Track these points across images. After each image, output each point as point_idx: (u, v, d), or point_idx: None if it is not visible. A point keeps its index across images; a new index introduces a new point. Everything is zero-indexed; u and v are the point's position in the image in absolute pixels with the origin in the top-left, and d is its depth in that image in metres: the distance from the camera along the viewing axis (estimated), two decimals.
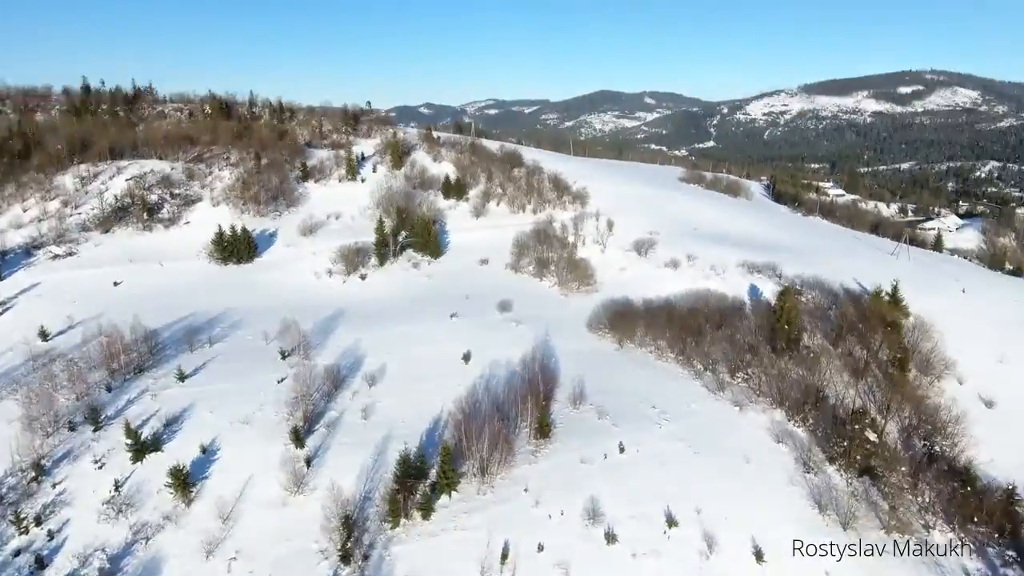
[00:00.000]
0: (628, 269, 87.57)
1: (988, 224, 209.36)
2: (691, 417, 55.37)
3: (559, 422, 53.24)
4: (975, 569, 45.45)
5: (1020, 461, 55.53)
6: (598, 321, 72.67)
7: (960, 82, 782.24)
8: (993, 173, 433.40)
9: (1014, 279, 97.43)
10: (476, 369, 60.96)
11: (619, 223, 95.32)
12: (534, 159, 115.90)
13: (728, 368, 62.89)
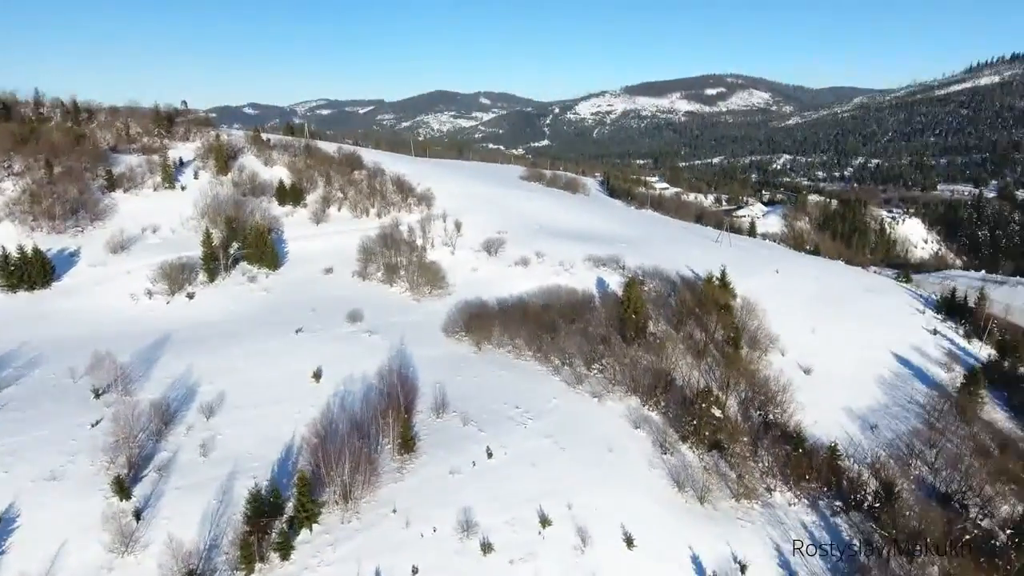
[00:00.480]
0: (480, 269, 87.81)
1: (787, 210, 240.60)
2: (554, 413, 56.56)
3: (423, 434, 51.70)
4: (811, 521, 51.20)
5: (836, 420, 63.80)
6: (454, 324, 71.93)
7: (754, 85, 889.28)
8: (786, 165, 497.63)
9: (814, 258, 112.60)
10: (329, 386, 57.41)
11: (467, 223, 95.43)
12: (375, 161, 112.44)
13: (584, 361, 65.20)
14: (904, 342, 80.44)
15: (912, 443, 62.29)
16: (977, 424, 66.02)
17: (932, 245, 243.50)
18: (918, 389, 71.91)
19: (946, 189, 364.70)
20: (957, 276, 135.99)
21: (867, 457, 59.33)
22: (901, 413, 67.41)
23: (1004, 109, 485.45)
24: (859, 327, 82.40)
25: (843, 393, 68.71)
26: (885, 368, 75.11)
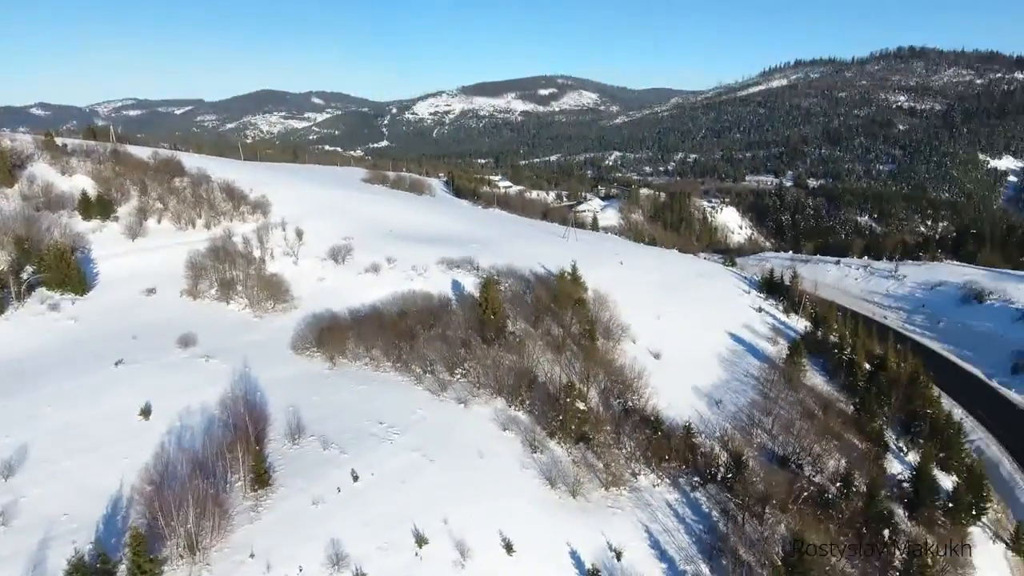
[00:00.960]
0: (327, 279, 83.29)
1: (622, 204, 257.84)
2: (420, 425, 54.71)
3: (279, 464, 47.47)
4: (674, 499, 54.19)
5: (687, 400, 68.37)
6: (304, 340, 67.35)
7: (583, 86, 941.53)
8: (617, 161, 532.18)
9: (652, 248, 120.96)
10: (161, 424, 50.83)
11: (309, 231, 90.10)
12: (199, 166, 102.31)
13: (446, 367, 63.95)
14: (736, 321, 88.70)
15: (752, 413, 68.62)
16: (802, 390, 74.40)
17: (746, 230, 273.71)
18: (752, 363, 79.56)
19: (753, 180, 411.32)
20: (771, 257, 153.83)
21: (716, 432, 64.31)
22: (740, 387, 74.08)
23: (793, 108, 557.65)
24: (697, 310, 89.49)
25: (690, 374, 74.02)
26: (723, 347, 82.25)
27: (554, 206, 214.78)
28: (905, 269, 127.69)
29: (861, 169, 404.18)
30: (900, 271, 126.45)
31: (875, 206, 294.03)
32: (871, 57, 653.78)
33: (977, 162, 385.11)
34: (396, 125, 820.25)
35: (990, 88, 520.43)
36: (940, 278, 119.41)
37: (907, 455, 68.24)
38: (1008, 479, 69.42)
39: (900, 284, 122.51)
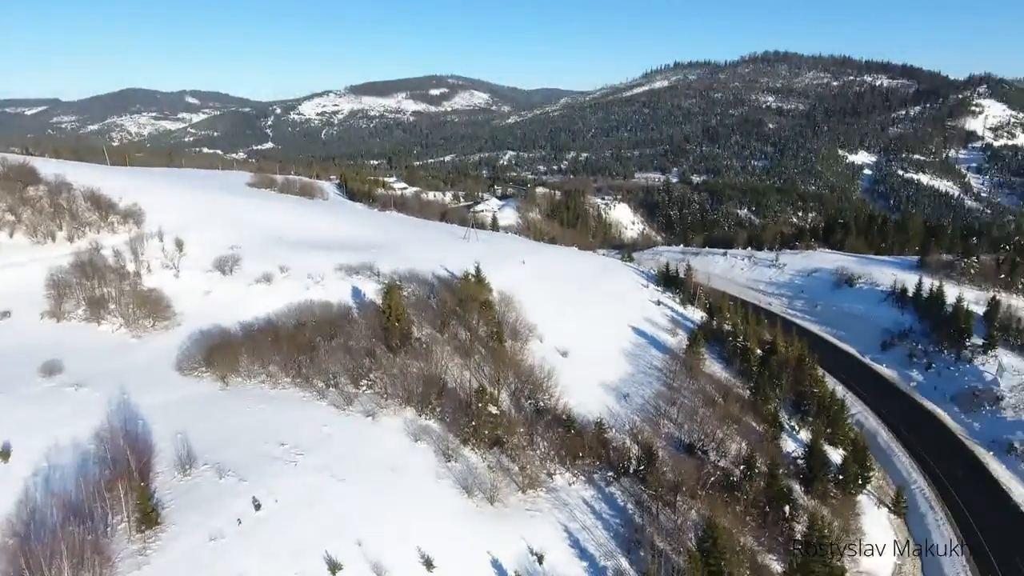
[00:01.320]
0: (214, 292, 77.59)
1: (519, 203, 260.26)
2: (326, 442, 51.89)
3: (168, 499, 43.30)
4: (590, 496, 54.65)
5: (596, 396, 69.40)
6: (191, 360, 62.26)
7: (474, 86, 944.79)
8: (512, 160, 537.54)
9: (553, 247, 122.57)
10: (24, 466, 45.00)
11: (191, 241, 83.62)
12: (57, 173, 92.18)
13: (351, 379, 61.25)
14: (637, 315, 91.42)
15: (658, 404, 70.77)
16: (702, 378, 77.68)
17: (639, 225, 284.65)
18: (655, 355, 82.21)
19: (641, 177, 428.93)
20: (664, 251, 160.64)
21: (626, 425, 65.75)
22: (645, 379, 76.27)
23: (675, 108, 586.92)
24: (600, 306, 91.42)
25: (597, 369, 75.33)
26: (627, 341, 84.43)
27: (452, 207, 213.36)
28: (785, 258, 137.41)
29: (738, 165, 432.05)
30: (780, 260, 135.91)
31: (752, 199, 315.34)
32: (742, 60, 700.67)
33: (837, 157, 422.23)
34: (281, 126, 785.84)
35: (845, 89, 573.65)
36: (815, 265, 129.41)
37: (799, 433, 72.94)
38: (885, 447, 75.93)
39: (781, 272, 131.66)
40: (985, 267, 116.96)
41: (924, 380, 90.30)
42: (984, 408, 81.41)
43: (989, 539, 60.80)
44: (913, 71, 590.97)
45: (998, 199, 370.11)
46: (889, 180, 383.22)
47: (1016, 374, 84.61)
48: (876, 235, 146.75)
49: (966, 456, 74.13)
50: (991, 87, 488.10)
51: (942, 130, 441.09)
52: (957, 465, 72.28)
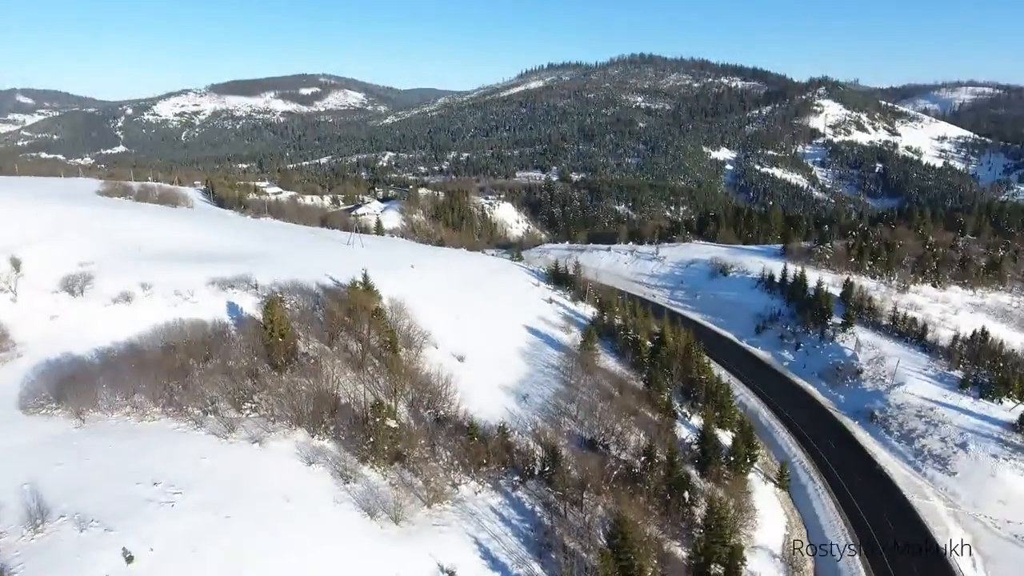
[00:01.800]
0: (62, 316, 68.60)
1: (403, 205, 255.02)
2: (208, 477, 47.08)
3: (16, 563, 37.21)
4: (498, 503, 53.68)
5: (496, 399, 68.55)
6: (37, 396, 54.44)
7: (348, 85, 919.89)
8: (391, 162, 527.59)
9: (441, 249, 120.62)
10: None
11: (30, 259, 73.52)
12: None
13: (233, 402, 56.20)
14: (531, 314, 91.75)
15: (558, 403, 71.13)
16: (598, 373, 79.15)
17: (523, 224, 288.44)
18: (551, 354, 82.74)
19: (523, 176, 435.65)
20: (551, 249, 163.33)
21: (528, 427, 65.43)
22: (543, 378, 76.49)
23: (551, 108, 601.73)
24: (494, 308, 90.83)
25: (496, 372, 74.60)
26: (522, 341, 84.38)
27: (333, 211, 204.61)
28: (664, 251, 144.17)
29: (614, 163, 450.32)
30: (661, 253, 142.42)
31: (629, 195, 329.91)
32: (611, 62, 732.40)
33: (702, 154, 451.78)
34: (134, 128, 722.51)
35: (705, 91, 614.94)
36: (692, 257, 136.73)
37: (691, 419, 76.13)
38: (767, 425, 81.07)
39: (662, 264, 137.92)
40: (838, 252, 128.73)
41: (795, 359, 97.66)
42: (847, 381, 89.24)
43: (860, 499, 66.64)
44: (763, 74, 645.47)
45: (840, 189, 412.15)
46: (748, 175, 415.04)
47: (871, 348, 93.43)
48: (743, 226, 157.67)
49: (836, 427, 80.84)
50: (828, 89, 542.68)
51: (790, 128, 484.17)
52: (829, 436, 78.60)
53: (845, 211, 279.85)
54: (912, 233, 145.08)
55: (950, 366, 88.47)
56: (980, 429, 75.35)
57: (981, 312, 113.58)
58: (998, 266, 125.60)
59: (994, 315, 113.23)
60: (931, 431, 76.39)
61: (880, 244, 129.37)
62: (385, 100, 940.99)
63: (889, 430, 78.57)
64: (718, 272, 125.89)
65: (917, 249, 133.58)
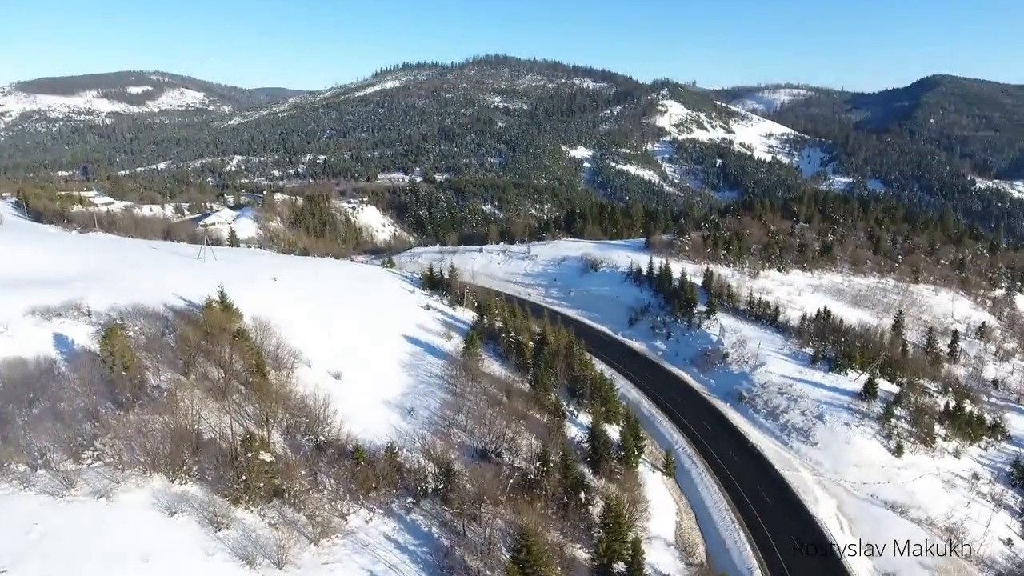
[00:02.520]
0: None
1: (258, 212, 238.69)
2: (41, 546, 39.68)
3: None
4: (391, 529, 50.42)
5: (380, 416, 64.81)
6: None
7: (185, 84, 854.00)
8: (241, 166, 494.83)
9: (305, 259, 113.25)
10: None
11: None
12: None
13: (69, 452, 48.02)
14: (409, 323, 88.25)
15: (445, 414, 68.61)
16: (483, 379, 77.48)
17: (390, 227, 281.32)
18: (433, 363, 79.89)
19: (385, 178, 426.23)
20: (422, 252, 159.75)
21: (417, 443, 62.38)
22: (428, 389, 73.55)
23: (409, 108, 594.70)
24: (369, 319, 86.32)
25: (377, 387, 70.62)
26: (402, 351, 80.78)
27: (177, 222, 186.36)
28: (536, 249, 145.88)
29: (477, 162, 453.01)
30: (532, 252, 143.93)
31: (494, 195, 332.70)
32: (467, 63, 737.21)
33: (561, 153, 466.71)
34: None
35: (559, 91, 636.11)
36: (563, 254, 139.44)
37: (579, 416, 76.71)
38: (649, 415, 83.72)
39: (534, 263, 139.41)
40: (695, 244, 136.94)
41: (667, 348, 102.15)
42: (716, 366, 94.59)
43: (738, 478, 70.53)
44: (611, 75, 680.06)
45: (687, 184, 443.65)
46: (605, 172, 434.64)
47: (734, 332, 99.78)
48: (608, 222, 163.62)
49: (710, 410, 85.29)
50: (671, 90, 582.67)
51: (640, 127, 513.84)
52: (705, 419, 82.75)
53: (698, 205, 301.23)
54: (756, 222, 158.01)
55: (801, 344, 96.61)
56: (832, 400, 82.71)
57: (820, 292, 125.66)
58: (830, 250, 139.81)
59: (831, 294, 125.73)
60: (792, 406, 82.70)
61: (731, 235, 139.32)
62: (229, 100, 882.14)
63: (756, 408, 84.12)
64: (589, 268, 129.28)
65: (762, 237, 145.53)
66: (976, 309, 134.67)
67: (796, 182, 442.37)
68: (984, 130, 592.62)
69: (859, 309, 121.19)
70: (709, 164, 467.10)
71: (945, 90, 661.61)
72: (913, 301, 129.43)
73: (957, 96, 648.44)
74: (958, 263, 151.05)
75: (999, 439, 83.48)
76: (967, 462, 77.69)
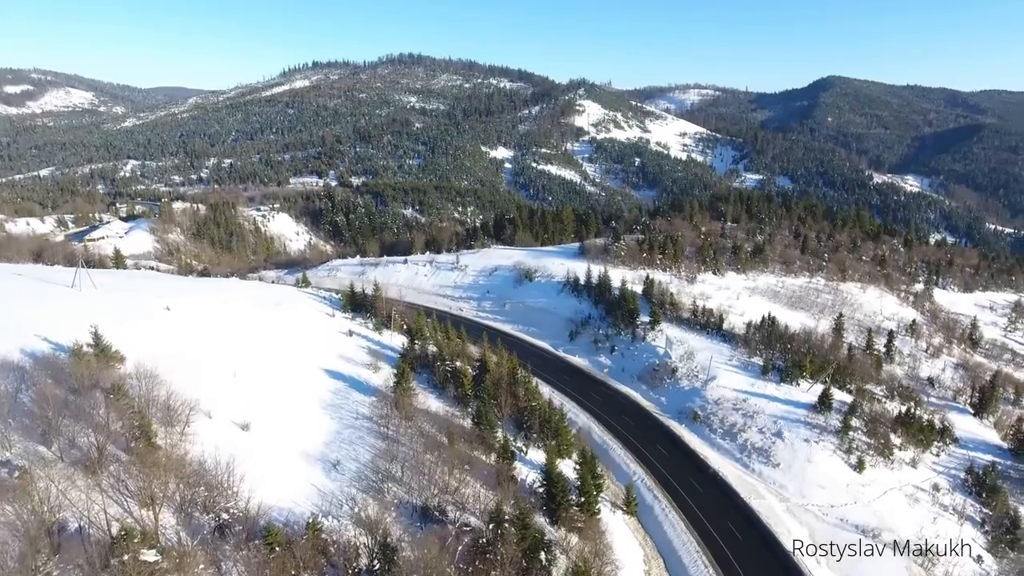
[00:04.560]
0: None
1: (155, 224, 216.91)
2: None
3: None
4: None
5: (298, 475, 54.49)
6: None
7: (71, 83, 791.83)
8: (136, 171, 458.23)
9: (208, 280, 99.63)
10: None
11: None
12: None
13: None
14: (330, 354, 77.58)
15: (377, 465, 58.82)
16: (419, 416, 68.09)
17: (304, 236, 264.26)
18: (360, 401, 69.77)
19: (298, 182, 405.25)
20: (341, 265, 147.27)
21: (344, 505, 52.54)
22: (355, 435, 63.44)
23: (321, 108, 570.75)
24: (283, 352, 75.12)
25: (294, 437, 60.00)
26: (323, 389, 70.19)
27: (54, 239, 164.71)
28: (465, 259, 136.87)
29: (395, 165, 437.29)
30: (461, 262, 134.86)
31: (415, 198, 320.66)
32: (380, 61, 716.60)
33: (481, 153, 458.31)
34: None
35: (476, 91, 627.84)
36: (495, 263, 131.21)
37: (528, 453, 68.66)
38: (601, 443, 76.72)
39: (464, 274, 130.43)
40: (630, 249, 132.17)
41: (612, 364, 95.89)
42: (665, 381, 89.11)
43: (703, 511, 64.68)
44: (528, 75, 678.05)
45: (608, 183, 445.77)
46: (527, 172, 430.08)
47: (680, 344, 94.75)
48: (539, 227, 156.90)
49: (664, 432, 79.40)
50: (587, 90, 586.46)
51: (559, 127, 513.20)
52: (660, 443, 76.72)
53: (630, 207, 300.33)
54: (687, 224, 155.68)
55: (750, 353, 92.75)
56: (789, 415, 78.63)
57: (757, 295, 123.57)
58: (762, 251, 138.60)
59: (767, 296, 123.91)
60: (749, 423, 77.99)
61: (666, 238, 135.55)
62: (122, 100, 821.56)
63: (712, 428, 78.91)
64: (523, 278, 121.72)
65: (695, 240, 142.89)
66: (902, 305, 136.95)
67: (712, 180, 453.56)
68: (876, 128, 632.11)
69: (796, 311, 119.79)
70: (628, 163, 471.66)
71: (839, 90, 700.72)
72: (844, 300, 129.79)
73: (850, 96, 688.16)
74: (879, 259, 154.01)
75: (948, 443, 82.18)
76: (924, 471, 75.39)
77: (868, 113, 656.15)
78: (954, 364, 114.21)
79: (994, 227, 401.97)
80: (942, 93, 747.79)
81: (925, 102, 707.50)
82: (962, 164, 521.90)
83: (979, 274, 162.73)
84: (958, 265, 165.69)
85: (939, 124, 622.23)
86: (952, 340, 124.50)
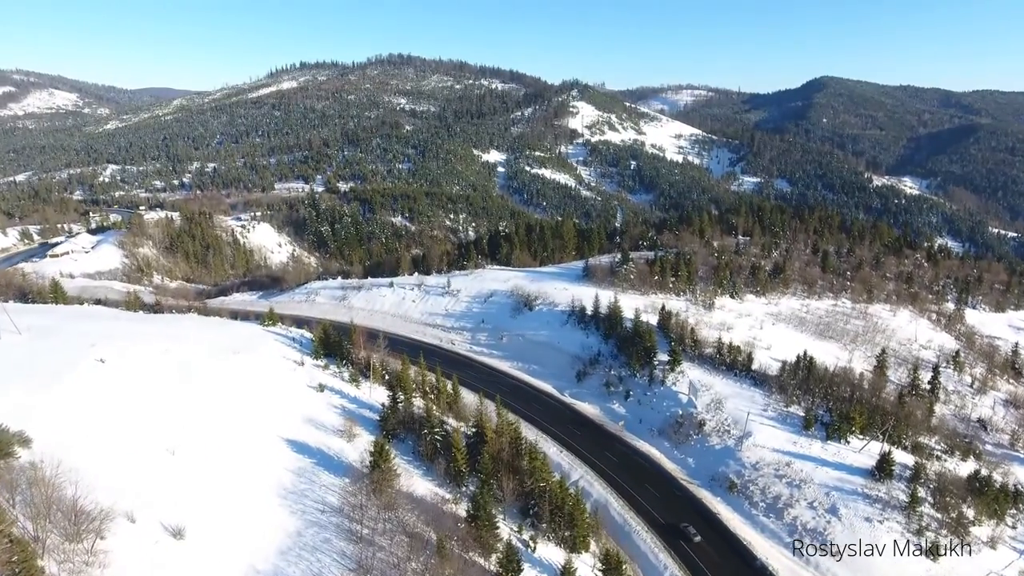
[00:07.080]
0: None
1: (124, 236, 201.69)
2: None
3: None
4: None
5: None
6: None
7: (55, 84, 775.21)
8: (116, 176, 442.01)
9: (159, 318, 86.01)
10: None
11: None
12: None
13: None
14: (295, 418, 64.24)
15: None
16: (401, 503, 54.81)
17: (287, 247, 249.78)
18: (328, 484, 56.43)
19: (283, 188, 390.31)
20: (320, 289, 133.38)
21: None
22: (319, 536, 50.10)
23: (308, 111, 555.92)
24: (236, 417, 61.72)
25: (241, 546, 46.67)
26: (284, 469, 56.84)
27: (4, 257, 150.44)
28: (457, 282, 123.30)
29: (384, 169, 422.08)
30: (453, 285, 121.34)
31: (404, 205, 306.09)
32: (369, 62, 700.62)
33: (473, 157, 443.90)
34: None
35: (467, 92, 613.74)
36: (490, 287, 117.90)
37: (535, 549, 55.66)
38: (620, 521, 63.89)
39: (456, 300, 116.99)
40: (640, 270, 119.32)
41: (628, 413, 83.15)
42: (692, 438, 76.41)
43: None
44: (519, 76, 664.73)
45: (604, 187, 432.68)
46: (520, 176, 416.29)
47: (706, 390, 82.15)
48: (537, 244, 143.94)
49: (696, 506, 66.71)
50: (581, 91, 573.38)
51: (552, 129, 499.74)
52: (692, 519, 64.05)
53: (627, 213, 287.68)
54: (697, 239, 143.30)
55: (786, 401, 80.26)
56: (843, 484, 66.12)
57: (781, 322, 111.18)
58: (782, 271, 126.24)
59: (793, 324, 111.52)
60: (796, 496, 65.37)
61: (677, 257, 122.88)
62: (107, 101, 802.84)
63: (753, 501, 66.20)
64: (522, 306, 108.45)
65: (707, 258, 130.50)
66: (935, 329, 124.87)
67: (709, 183, 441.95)
68: (871, 129, 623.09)
69: (826, 341, 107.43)
70: (624, 166, 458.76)
71: (832, 91, 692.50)
72: (875, 326, 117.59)
73: (844, 96, 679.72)
74: (905, 277, 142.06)
75: (1022, 509, 69.83)
76: (1005, 553, 62.97)
77: (862, 114, 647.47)
78: (1003, 400, 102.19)
79: (997, 231, 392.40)
80: (935, 93, 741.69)
81: (919, 102, 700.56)
82: (959, 166, 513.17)
83: (1010, 291, 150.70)
84: (987, 281, 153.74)
85: (934, 125, 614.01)
86: (995, 370, 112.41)
